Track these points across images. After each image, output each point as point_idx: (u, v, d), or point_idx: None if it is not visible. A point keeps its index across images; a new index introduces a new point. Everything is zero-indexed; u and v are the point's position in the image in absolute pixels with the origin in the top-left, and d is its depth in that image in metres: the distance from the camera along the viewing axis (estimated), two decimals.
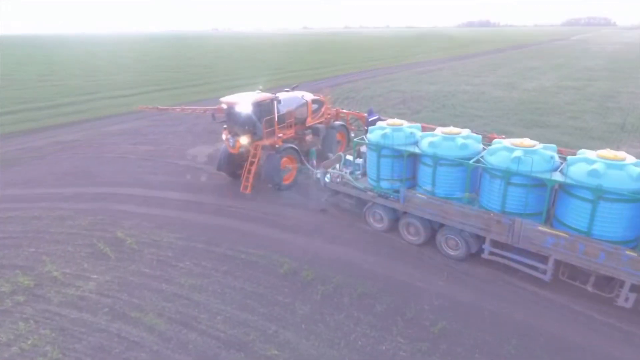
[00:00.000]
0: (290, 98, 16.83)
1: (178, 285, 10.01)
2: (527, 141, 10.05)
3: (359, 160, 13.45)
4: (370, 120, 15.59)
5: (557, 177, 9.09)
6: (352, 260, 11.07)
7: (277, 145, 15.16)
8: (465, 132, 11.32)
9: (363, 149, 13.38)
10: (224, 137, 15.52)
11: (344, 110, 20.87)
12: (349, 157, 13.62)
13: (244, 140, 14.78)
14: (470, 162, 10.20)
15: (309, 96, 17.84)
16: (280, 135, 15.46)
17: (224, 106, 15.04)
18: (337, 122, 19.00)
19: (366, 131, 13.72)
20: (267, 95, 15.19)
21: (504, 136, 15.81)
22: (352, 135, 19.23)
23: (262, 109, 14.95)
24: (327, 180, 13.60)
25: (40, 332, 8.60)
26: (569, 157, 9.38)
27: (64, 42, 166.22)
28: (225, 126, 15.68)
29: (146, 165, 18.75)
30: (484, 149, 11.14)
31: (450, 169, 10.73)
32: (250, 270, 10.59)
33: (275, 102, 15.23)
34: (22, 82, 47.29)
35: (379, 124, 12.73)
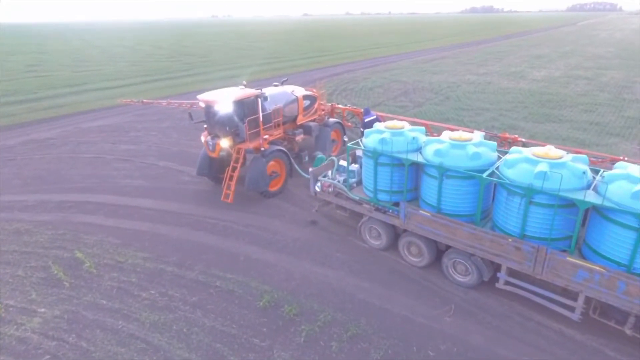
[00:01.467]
0: (279, 94, 15.09)
1: (137, 322, 8.48)
2: (552, 151, 8.37)
3: (354, 166, 11.80)
4: (366, 121, 13.87)
5: (592, 197, 7.43)
6: (343, 287, 9.51)
7: (262, 148, 13.47)
8: (477, 137, 9.58)
9: (359, 152, 11.71)
10: (203, 139, 13.85)
11: (340, 106, 19.06)
12: (343, 163, 11.96)
13: (225, 143, 13.10)
14: (484, 175, 8.54)
15: (299, 91, 16.08)
16: (266, 136, 13.74)
17: (202, 104, 13.33)
18: (331, 120, 17.24)
19: (362, 134, 12.03)
20: (251, 91, 13.46)
21: (519, 138, 14.12)
22: (346, 139, 17.32)
23: (245, 107, 13.25)
24: (317, 189, 12.02)
25: None
26: (605, 174, 7.73)
27: (60, 30, 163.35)
28: (205, 126, 14.01)
29: (122, 168, 17.11)
30: (499, 157, 9.46)
31: (460, 182, 9.07)
32: (224, 302, 9.03)
33: (259, 100, 13.51)
34: (9, 73, 45.39)
35: (377, 125, 11.04)
